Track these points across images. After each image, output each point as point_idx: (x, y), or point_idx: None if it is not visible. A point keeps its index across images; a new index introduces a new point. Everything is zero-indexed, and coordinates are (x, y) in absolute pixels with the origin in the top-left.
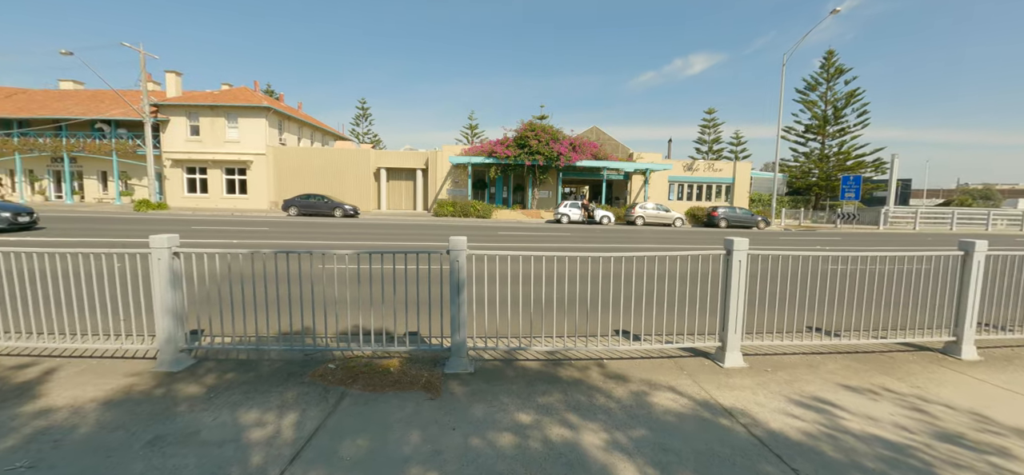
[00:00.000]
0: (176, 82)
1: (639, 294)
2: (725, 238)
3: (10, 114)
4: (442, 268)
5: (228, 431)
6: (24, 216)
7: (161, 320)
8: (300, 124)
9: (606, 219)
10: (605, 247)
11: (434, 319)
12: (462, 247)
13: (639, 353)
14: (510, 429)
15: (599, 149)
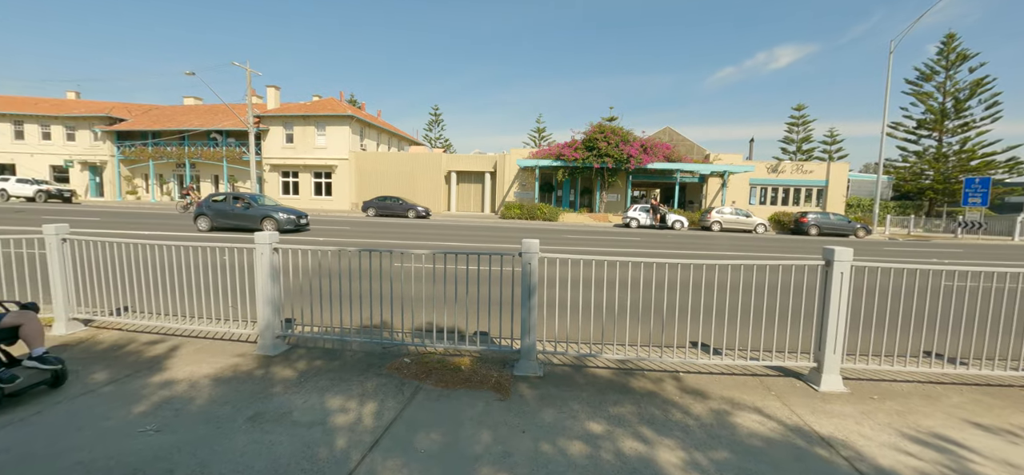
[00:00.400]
0: (275, 95)
1: (718, 305)
2: (824, 247)
3: (147, 127)
4: (513, 270)
5: (316, 414)
6: (304, 219)
7: (262, 309)
8: (379, 131)
9: (679, 224)
10: (679, 253)
11: (504, 320)
12: (535, 250)
13: (719, 368)
14: (581, 438)
15: (672, 150)
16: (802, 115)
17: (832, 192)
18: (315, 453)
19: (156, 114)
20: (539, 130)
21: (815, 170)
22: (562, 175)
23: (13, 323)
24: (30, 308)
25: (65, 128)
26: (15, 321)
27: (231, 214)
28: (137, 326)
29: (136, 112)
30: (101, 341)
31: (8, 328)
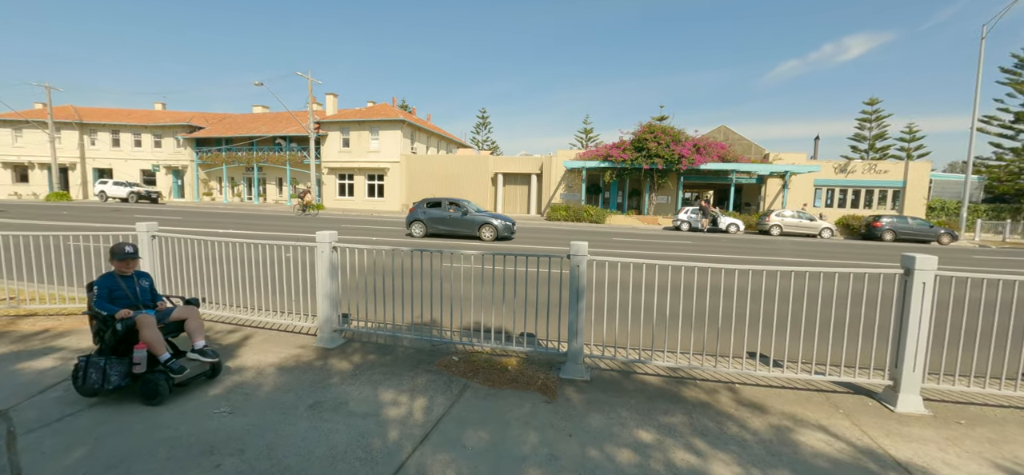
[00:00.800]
0: (333, 102)
1: (779, 315)
2: (903, 255)
3: (220, 134)
4: (561, 273)
5: (370, 406)
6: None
7: (321, 303)
8: (428, 134)
9: (734, 227)
10: (734, 258)
11: (551, 323)
12: (583, 253)
13: (780, 382)
14: (629, 446)
15: (727, 150)
16: (876, 110)
17: (910, 194)
18: (369, 443)
19: (229, 122)
20: (586, 131)
21: (891, 170)
22: (610, 177)
23: (180, 317)
24: (193, 303)
25: (153, 136)
26: (181, 315)
27: (448, 221)
28: (213, 316)
29: (212, 120)
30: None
31: (176, 321)
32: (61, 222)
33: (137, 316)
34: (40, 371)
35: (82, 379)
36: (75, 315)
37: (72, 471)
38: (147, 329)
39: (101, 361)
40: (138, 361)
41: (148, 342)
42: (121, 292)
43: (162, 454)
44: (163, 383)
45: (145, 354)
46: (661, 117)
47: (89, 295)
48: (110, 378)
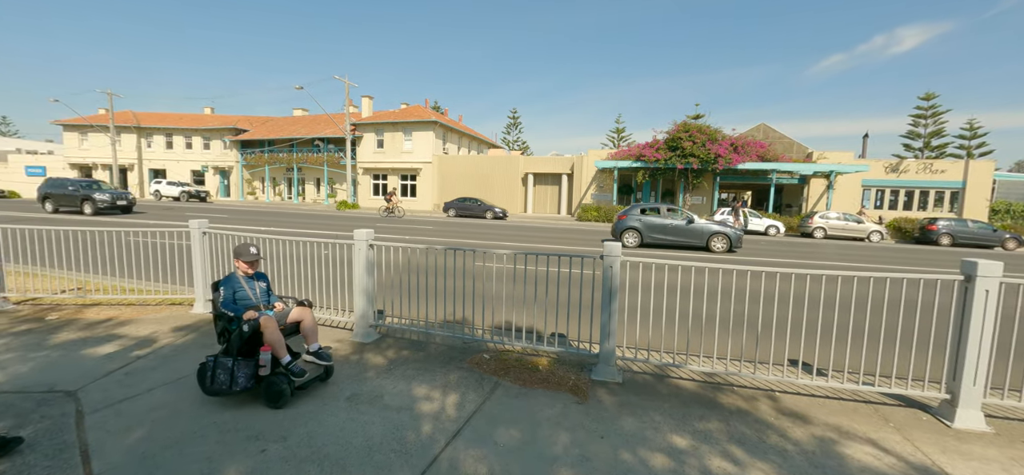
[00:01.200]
0: (368, 105)
1: (824, 321)
2: (964, 260)
3: (263, 136)
4: (594, 273)
5: (404, 400)
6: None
7: (358, 299)
8: (460, 135)
9: (773, 229)
10: (773, 262)
11: (583, 323)
12: (617, 253)
13: (824, 391)
14: (663, 450)
15: (767, 149)
16: (932, 105)
17: (971, 195)
18: (404, 436)
19: (271, 125)
20: (618, 130)
21: (948, 169)
22: (642, 177)
23: (296, 319)
24: (306, 305)
25: (202, 139)
26: (297, 317)
27: (670, 229)
28: None
29: (255, 123)
30: None
31: (293, 323)
32: (121, 219)
33: (261, 318)
34: (104, 356)
35: (210, 380)
36: (134, 305)
37: (132, 449)
38: (271, 332)
39: (229, 362)
40: (264, 364)
41: (272, 344)
42: (244, 293)
43: (212, 437)
44: (286, 386)
45: (270, 356)
46: (697, 115)
47: (214, 295)
48: (237, 380)
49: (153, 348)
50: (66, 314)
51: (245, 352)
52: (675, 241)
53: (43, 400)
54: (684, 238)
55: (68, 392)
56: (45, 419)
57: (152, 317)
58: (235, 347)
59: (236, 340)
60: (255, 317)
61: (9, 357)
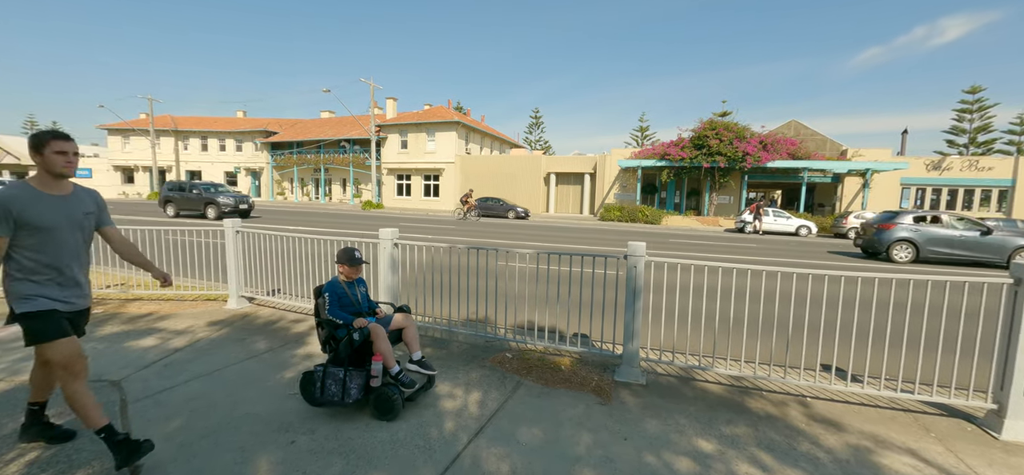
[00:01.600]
0: (393, 106)
1: (860, 324)
2: (1014, 263)
3: (292, 138)
4: (617, 274)
5: (428, 397)
6: None
7: (383, 297)
8: (482, 135)
9: (805, 230)
10: (805, 263)
11: (606, 324)
12: (641, 253)
13: (858, 398)
14: (688, 454)
15: (798, 146)
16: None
17: (1022, 194)
18: (427, 432)
19: (299, 127)
20: (642, 129)
21: (996, 167)
22: (667, 176)
23: (399, 326)
24: (405, 311)
25: (235, 141)
26: (400, 324)
27: (957, 243)
28: (286, 306)
29: (284, 126)
30: (260, 316)
31: (396, 330)
32: (161, 218)
33: (371, 326)
34: (145, 348)
35: (319, 390)
36: (172, 300)
37: (171, 438)
38: (382, 340)
39: (340, 373)
40: (376, 374)
41: (383, 354)
42: (348, 300)
43: (245, 428)
44: (398, 398)
45: (382, 366)
46: (724, 113)
47: (318, 301)
48: (350, 391)
49: (190, 342)
50: (110, 308)
51: (351, 362)
52: (964, 256)
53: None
54: (977, 254)
55: (113, 382)
56: None
57: (189, 312)
58: (344, 356)
59: (345, 349)
60: (366, 325)
61: None
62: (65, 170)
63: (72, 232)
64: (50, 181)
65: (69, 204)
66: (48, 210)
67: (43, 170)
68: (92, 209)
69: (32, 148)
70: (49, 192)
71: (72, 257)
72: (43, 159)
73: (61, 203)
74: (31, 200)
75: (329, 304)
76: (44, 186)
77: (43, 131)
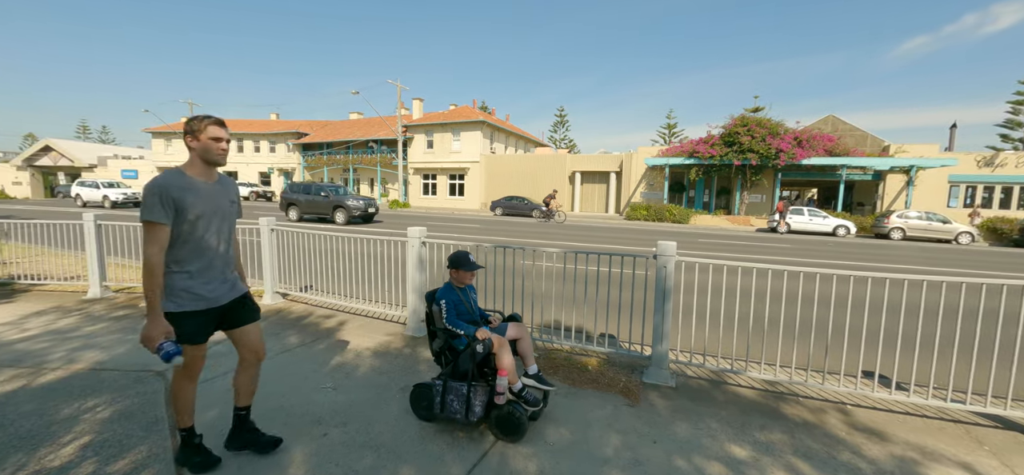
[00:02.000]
0: (419, 107)
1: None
2: None
3: (322, 139)
4: (645, 274)
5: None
6: None
7: (410, 295)
8: (507, 134)
9: (843, 230)
10: (844, 265)
11: (634, 325)
12: (671, 253)
13: (903, 407)
14: (720, 459)
15: (836, 143)
16: None
17: None
18: (454, 430)
19: (330, 128)
20: (669, 126)
21: None
22: (695, 174)
23: (515, 336)
24: (515, 319)
25: (268, 142)
26: (516, 334)
27: None
28: (317, 302)
29: (315, 127)
30: (293, 311)
31: (512, 341)
32: None
33: (494, 337)
34: None
35: (439, 406)
36: None
37: (210, 427)
38: (507, 353)
39: (463, 388)
40: (501, 391)
41: (507, 368)
42: (463, 307)
43: (280, 419)
44: (524, 417)
45: (507, 382)
46: (756, 108)
47: (433, 308)
48: (474, 408)
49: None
50: None
51: (459, 375)
52: None
53: (138, 378)
54: None
55: (157, 372)
56: (140, 395)
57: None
58: (465, 369)
59: (466, 362)
60: (489, 337)
61: (110, 339)
62: (219, 157)
63: (221, 221)
64: (202, 168)
65: (217, 192)
66: (201, 198)
67: (197, 156)
68: (235, 198)
69: (189, 133)
70: (200, 179)
71: (221, 248)
72: (199, 144)
73: (212, 191)
74: (186, 187)
75: (446, 312)
76: (196, 173)
77: (200, 115)
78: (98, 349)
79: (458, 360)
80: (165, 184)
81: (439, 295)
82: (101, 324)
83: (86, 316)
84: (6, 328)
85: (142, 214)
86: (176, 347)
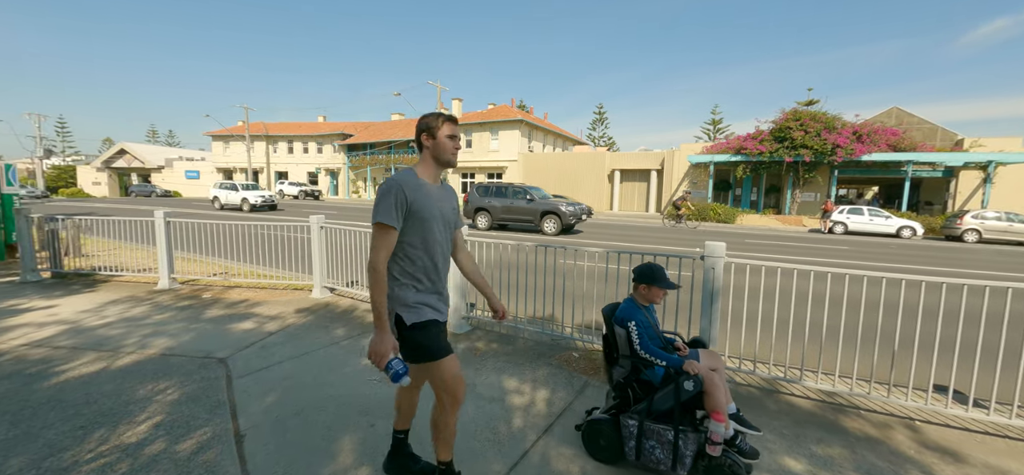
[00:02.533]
0: (458, 107)
1: (987, 343)
2: None
3: (366, 140)
4: (692, 275)
5: (495, 391)
6: None
7: (452, 293)
8: (545, 132)
9: (908, 231)
10: (911, 269)
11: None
12: (720, 254)
13: (981, 425)
14: (774, 472)
15: (901, 137)
16: None
17: None
18: (496, 426)
19: (373, 129)
20: (714, 122)
21: None
22: (742, 171)
23: (711, 366)
24: (701, 345)
25: (316, 144)
26: (711, 364)
27: None
28: (362, 297)
29: (359, 128)
30: (339, 305)
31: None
32: (251, 215)
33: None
34: (245, 331)
35: (635, 451)
36: (266, 289)
37: (268, 412)
38: (721, 392)
39: (669, 433)
40: (717, 438)
41: (719, 409)
42: (653, 332)
43: (330, 408)
44: (743, 472)
45: (723, 429)
46: (809, 101)
47: (617, 330)
48: (684, 458)
49: (281, 327)
50: (214, 293)
51: (666, 417)
52: None
53: (202, 364)
54: None
55: (220, 359)
56: (204, 379)
57: (280, 300)
58: (665, 409)
59: (666, 400)
60: (701, 371)
61: (177, 327)
62: (453, 157)
63: (445, 229)
64: (433, 169)
65: (443, 197)
66: (431, 201)
67: (430, 157)
68: (456, 206)
69: (424, 130)
70: (429, 182)
71: (444, 258)
72: (435, 143)
73: (439, 194)
74: (418, 187)
75: (639, 337)
76: (427, 175)
77: (435, 112)
78: (167, 336)
79: (654, 397)
80: (401, 184)
81: (625, 314)
82: (168, 313)
83: (155, 305)
84: (88, 315)
85: (375, 215)
86: (404, 366)
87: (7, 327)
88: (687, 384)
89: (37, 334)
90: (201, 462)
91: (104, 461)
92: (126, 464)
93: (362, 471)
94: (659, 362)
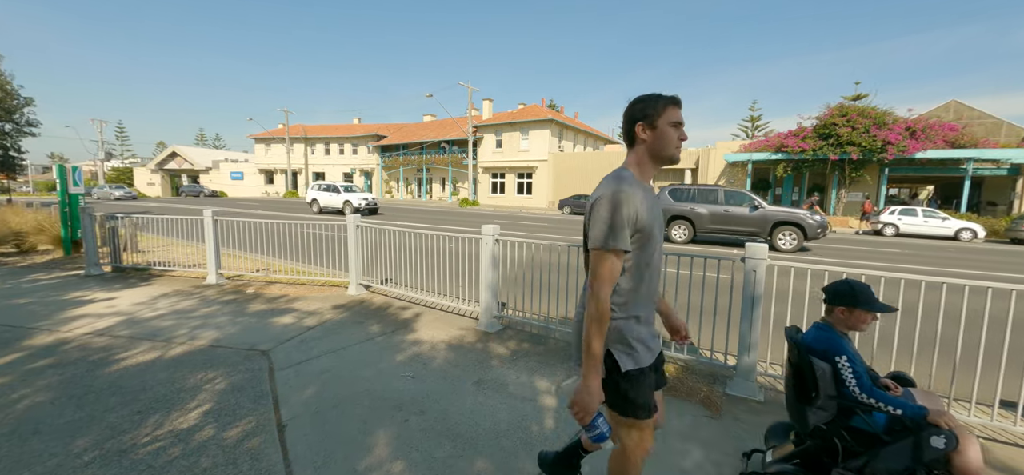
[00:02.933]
0: (488, 107)
1: None
2: None
3: (398, 141)
4: (731, 278)
5: (526, 390)
6: None
7: (483, 291)
8: (575, 131)
9: (968, 233)
10: (972, 274)
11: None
12: (762, 256)
13: None
14: None
15: (960, 132)
16: None
17: None
18: (528, 426)
19: (405, 130)
20: (752, 118)
21: None
22: (783, 170)
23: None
24: (909, 382)
25: (351, 145)
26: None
27: None
28: (395, 294)
29: (392, 130)
30: (373, 302)
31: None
32: (285, 213)
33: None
34: (284, 326)
35: None
36: (304, 285)
37: (308, 402)
38: (975, 450)
39: None
40: None
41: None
42: (863, 366)
43: (365, 402)
44: None
45: None
46: (857, 95)
47: (818, 364)
48: None
49: (319, 322)
50: (256, 289)
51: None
52: None
53: (247, 356)
54: None
55: (263, 351)
56: (248, 371)
57: (317, 296)
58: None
59: (898, 460)
60: (954, 427)
61: (223, 320)
62: (677, 152)
63: (660, 245)
64: (651, 169)
65: (657, 205)
66: (657, 211)
67: (647, 153)
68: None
69: (640, 119)
70: (647, 184)
71: (660, 279)
72: (655, 135)
73: (656, 202)
74: (646, 195)
75: (855, 376)
76: (644, 176)
77: (655, 95)
78: (214, 328)
79: (880, 451)
80: (631, 194)
81: (830, 346)
82: (214, 307)
83: (202, 299)
84: (142, 307)
85: (604, 237)
86: (609, 427)
87: (73, 316)
88: (936, 442)
89: (99, 324)
90: (247, 449)
91: (158, 445)
92: (178, 448)
93: (396, 465)
94: (891, 410)
